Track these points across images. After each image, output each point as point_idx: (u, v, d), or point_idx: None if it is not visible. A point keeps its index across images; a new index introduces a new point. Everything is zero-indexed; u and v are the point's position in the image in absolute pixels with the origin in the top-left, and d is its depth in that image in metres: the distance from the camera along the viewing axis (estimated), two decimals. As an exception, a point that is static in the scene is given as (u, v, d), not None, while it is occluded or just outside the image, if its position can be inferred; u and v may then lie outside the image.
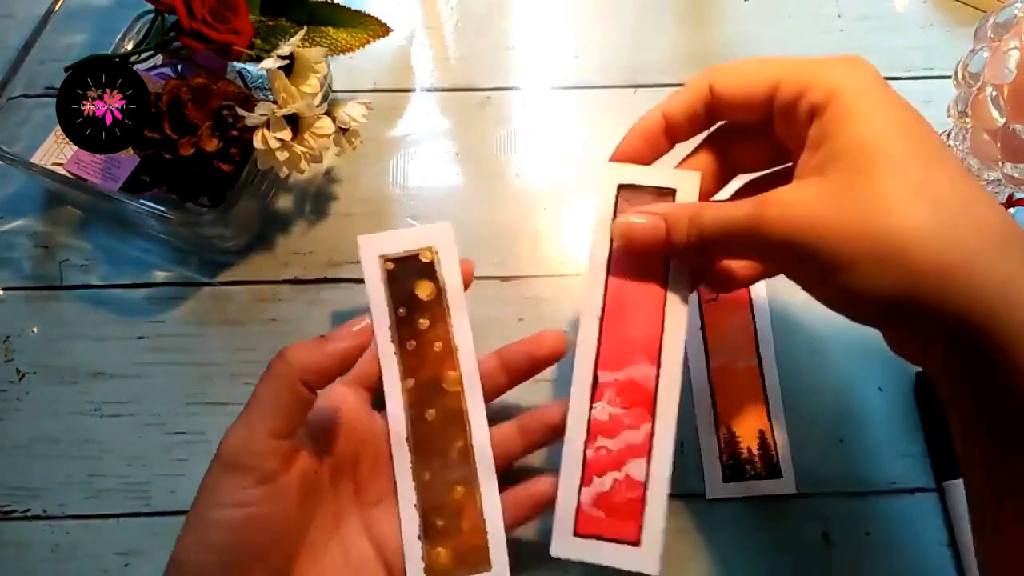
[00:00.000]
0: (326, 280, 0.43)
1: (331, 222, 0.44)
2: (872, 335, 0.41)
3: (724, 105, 0.31)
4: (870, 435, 0.39)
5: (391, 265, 0.36)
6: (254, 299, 0.43)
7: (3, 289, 0.43)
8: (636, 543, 0.32)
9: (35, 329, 0.42)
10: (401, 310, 0.35)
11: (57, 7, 0.42)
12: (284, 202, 0.45)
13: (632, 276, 0.33)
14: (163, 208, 0.38)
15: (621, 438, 0.32)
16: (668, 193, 0.33)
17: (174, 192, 0.40)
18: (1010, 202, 0.39)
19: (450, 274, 0.36)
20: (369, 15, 0.42)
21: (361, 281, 0.43)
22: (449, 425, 0.35)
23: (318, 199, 0.45)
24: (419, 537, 0.34)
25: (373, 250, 0.36)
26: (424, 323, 0.35)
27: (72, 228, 0.44)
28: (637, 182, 0.34)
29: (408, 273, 0.36)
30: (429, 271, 0.36)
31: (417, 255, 0.36)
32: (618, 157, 0.33)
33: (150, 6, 0.38)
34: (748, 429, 0.39)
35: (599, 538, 0.32)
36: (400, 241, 0.36)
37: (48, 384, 0.41)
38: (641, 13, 0.50)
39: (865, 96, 0.27)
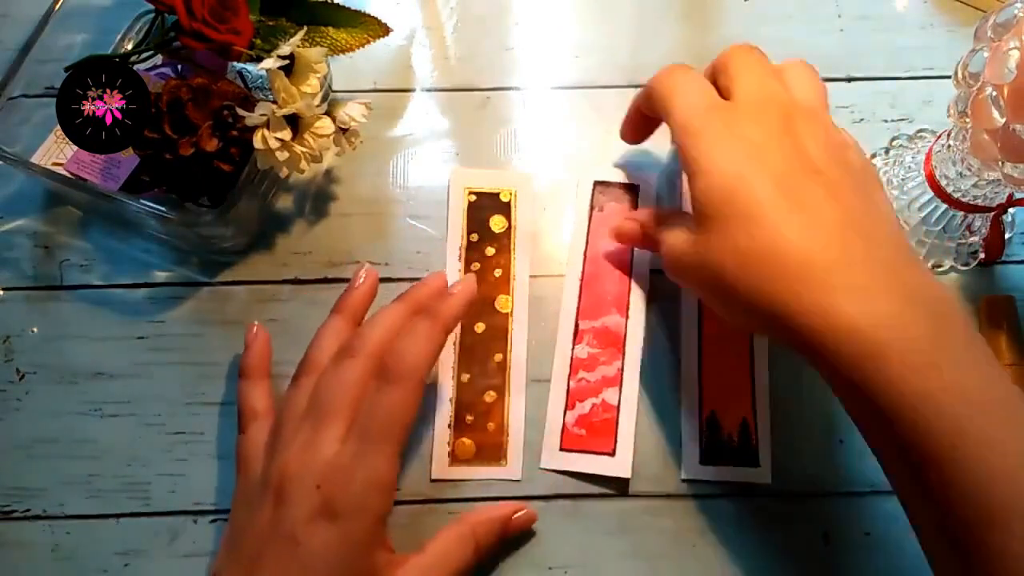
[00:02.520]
0: (326, 280, 0.43)
1: (331, 222, 0.44)
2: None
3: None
4: (870, 435, 0.39)
5: (473, 197, 0.43)
6: (254, 299, 0.43)
7: (3, 289, 0.43)
8: (612, 454, 0.39)
9: (35, 329, 0.42)
10: (473, 236, 0.42)
11: (57, 7, 0.42)
12: (284, 202, 0.45)
13: (605, 249, 0.42)
14: (163, 208, 0.38)
15: (598, 371, 0.40)
16: (632, 188, 0.44)
17: (174, 192, 0.40)
18: (1010, 202, 0.38)
19: (523, 216, 0.43)
20: (369, 15, 0.42)
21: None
22: (494, 340, 0.41)
23: (318, 199, 0.45)
24: (449, 426, 0.39)
25: (461, 180, 0.44)
26: (491, 251, 0.42)
27: (72, 228, 0.44)
28: (609, 179, 0.44)
29: (487, 206, 0.43)
30: (505, 208, 0.43)
31: (498, 193, 0.43)
32: (624, 137, 0.43)
33: (150, 6, 0.38)
34: (732, 415, 0.40)
35: (581, 451, 0.39)
36: (485, 178, 0.43)
37: (48, 384, 0.41)
38: (641, 13, 0.50)
39: (708, 157, 0.33)
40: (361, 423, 0.32)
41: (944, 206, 0.40)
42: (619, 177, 0.44)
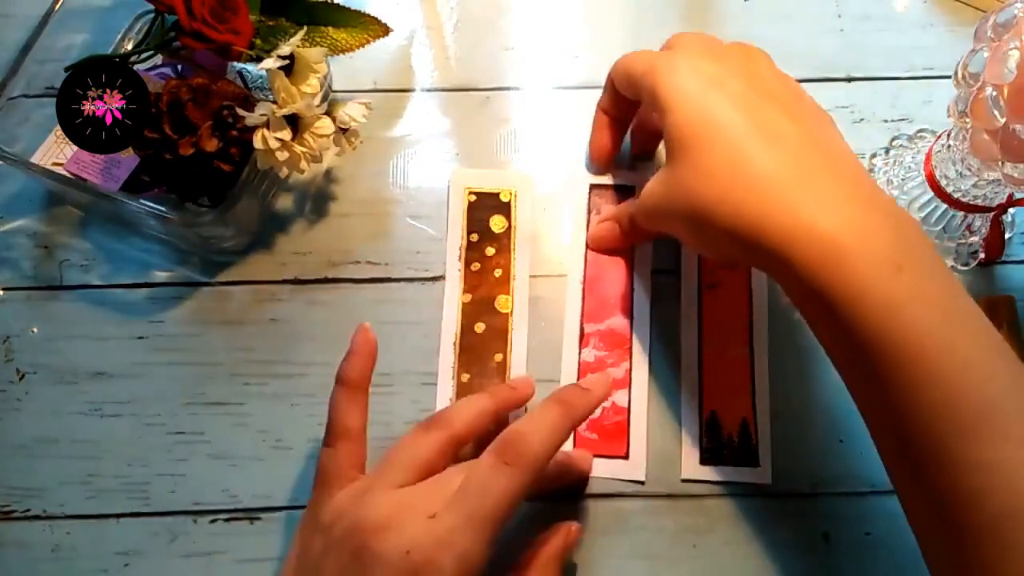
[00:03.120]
0: (326, 280, 0.43)
1: (331, 222, 0.44)
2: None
3: (619, 91, 0.40)
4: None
5: (473, 197, 0.43)
6: (254, 299, 0.43)
7: (3, 289, 0.43)
8: (625, 456, 0.39)
9: (35, 329, 0.42)
10: (473, 236, 0.42)
11: (57, 7, 0.42)
12: (284, 202, 0.45)
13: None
14: (163, 208, 0.38)
15: (606, 375, 0.40)
16: (627, 190, 0.44)
17: (174, 192, 0.40)
18: (1010, 202, 0.38)
19: (523, 216, 0.43)
20: (369, 15, 0.42)
21: (361, 281, 0.43)
22: (494, 340, 0.41)
23: (318, 199, 0.45)
24: None
25: (461, 181, 0.44)
26: (491, 251, 0.42)
27: (72, 228, 0.44)
28: (604, 182, 0.44)
29: (487, 206, 0.43)
30: (505, 209, 0.43)
31: (498, 193, 0.43)
32: (593, 156, 0.43)
33: (150, 6, 0.38)
34: (732, 415, 0.40)
35: (595, 456, 0.39)
36: (485, 178, 0.44)
37: (48, 384, 0.41)
38: (641, 13, 0.50)
39: (672, 91, 0.34)
40: (470, 500, 0.29)
41: (944, 206, 0.40)
42: (614, 180, 0.44)
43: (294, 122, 0.37)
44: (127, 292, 0.43)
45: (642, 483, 0.39)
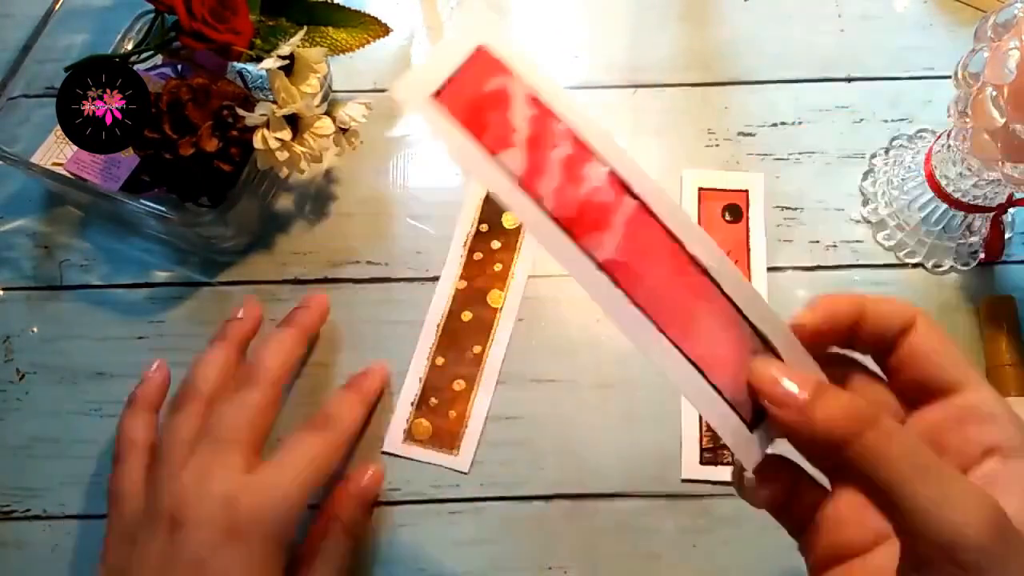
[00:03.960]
0: (326, 280, 0.43)
1: (331, 222, 0.44)
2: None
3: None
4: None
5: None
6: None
7: (3, 289, 0.43)
8: None
9: (35, 329, 0.42)
10: (483, 226, 0.42)
11: (57, 7, 0.42)
12: (284, 202, 0.45)
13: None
14: (163, 208, 0.38)
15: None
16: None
17: (174, 192, 0.40)
18: (1010, 202, 0.39)
19: None
20: (369, 15, 0.42)
21: (361, 281, 0.43)
22: (477, 331, 0.41)
23: (318, 199, 0.45)
24: (412, 404, 0.40)
25: None
26: (496, 244, 0.42)
27: (72, 228, 0.44)
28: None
29: None
30: None
31: None
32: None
33: (150, 6, 0.38)
34: None
35: None
36: None
37: (48, 384, 0.41)
38: (641, 13, 0.50)
39: None
40: (280, 455, 0.33)
41: (944, 206, 0.40)
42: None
43: (294, 122, 0.37)
44: (127, 292, 0.43)
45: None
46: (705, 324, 0.26)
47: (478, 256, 0.42)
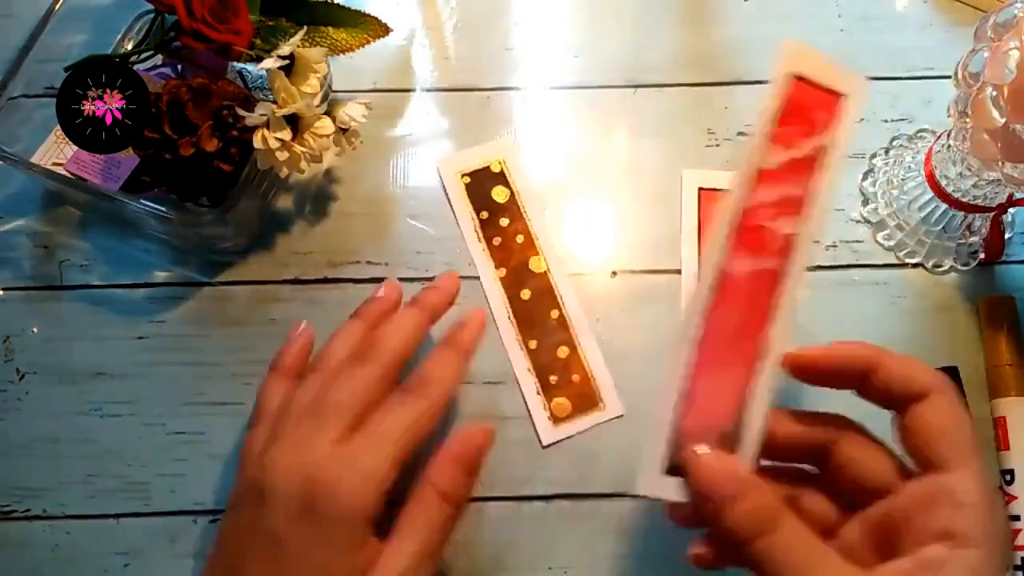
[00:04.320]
0: (326, 280, 0.43)
1: (331, 222, 0.44)
2: (872, 336, 0.41)
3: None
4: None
5: (467, 179, 0.44)
6: (254, 299, 0.42)
7: (3, 289, 0.43)
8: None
9: (35, 329, 0.42)
10: (483, 214, 0.43)
11: (57, 7, 0.42)
12: (284, 202, 0.45)
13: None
14: (163, 208, 0.38)
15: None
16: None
17: (174, 192, 0.40)
18: (1010, 202, 0.39)
19: (519, 179, 0.43)
20: (369, 15, 0.42)
21: (361, 281, 0.43)
22: (543, 299, 0.42)
23: (318, 199, 0.45)
24: (538, 393, 0.40)
25: (451, 168, 0.44)
26: (505, 221, 0.43)
27: (72, 228, 0.44)
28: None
29: (483, 182, 0.43)
30: (501, 178, 0.44)
31: (488, 167, 0.44)
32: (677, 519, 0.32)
33: (150, 6, 0.38)
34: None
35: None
36: (472, 158, 0.44)
37: (48, 384, 0.41)
38: (641, 13, 0.50)
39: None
40: (369, 426, 0.32)
41: (944, 206, 0.40)
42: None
43: (294, 122, 0.37)
44: (127, 292, 0.43)
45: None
46: (720, 384, 0.29)
47: (497, 241, 0.43)
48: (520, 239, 0.42)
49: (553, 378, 0.40)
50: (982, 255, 0.42)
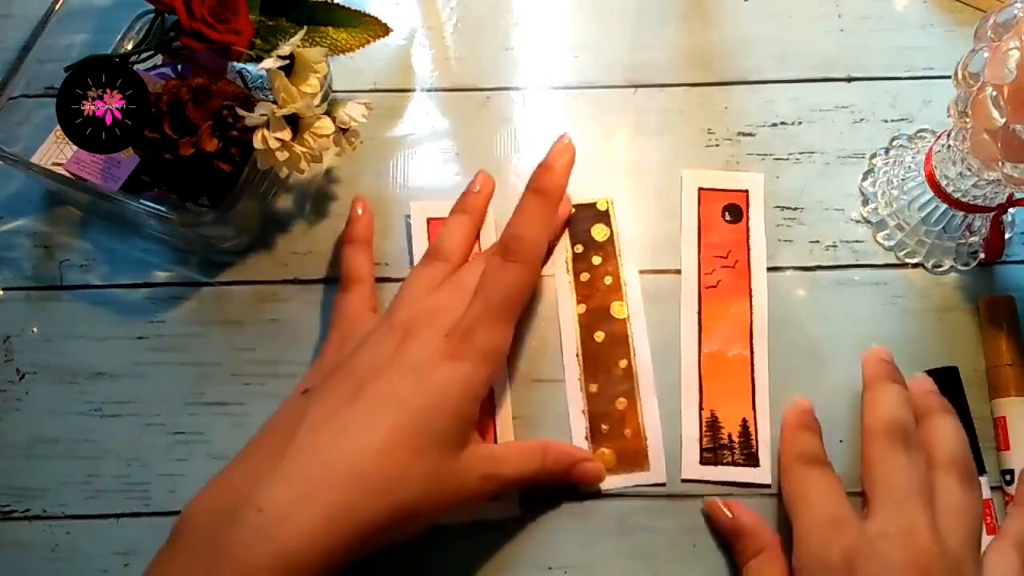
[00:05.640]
0: (326, 280, 0.43)
1: (331, 222, 0.44)
2: (872, 336, 0.42)
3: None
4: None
5: (572, 209, 0.43)
6: (254, 299, 0.43)
7: (3, 289, 0.43)
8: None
9: (35, 329, 0.42)
10: (578, 247, 0.43)
11: (57, 7, 0.42)
12: (284, 202, 0.45)
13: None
14: (163, 208, 0.38)
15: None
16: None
17: (174, 192, 0.40)
18: (1010, 202, 0.39)
19: (623, 222, 0.43)
20: (369, 15, 0.42)
21: (361, 281, 0.43)
22: (615, 346, 0.41)
23: (318, 199, 0.45)
24: (586, 438, 0.39)
25: None
26: (597, 260, 0.42)
27: (72, 228, 0.44)
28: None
29: (586, 217, 0.43)
30: (605, 217, 0.43)
31: (595, 203, 0.43)
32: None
33: (150, 6, 0.38)
34: (732, 416, 0.40)
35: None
36: (581, 190, 0.44)
37: (48, 384, 0.41)
38: (641, 13, 0.50)
39: None
40: (487, 293, 0.35)
41: (944, 206, 0.40)
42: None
43: (294, 122, 0.37)
44: (127, 292, 0.43)
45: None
46: None
47: (585, 277, 0.42)
48: (608, 280, 0.42)
49: (605, 427, 0.39)
50: (982, 255, 0.42)
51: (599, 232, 0.43)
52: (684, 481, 0.39)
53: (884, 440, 0.33)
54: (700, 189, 0.44)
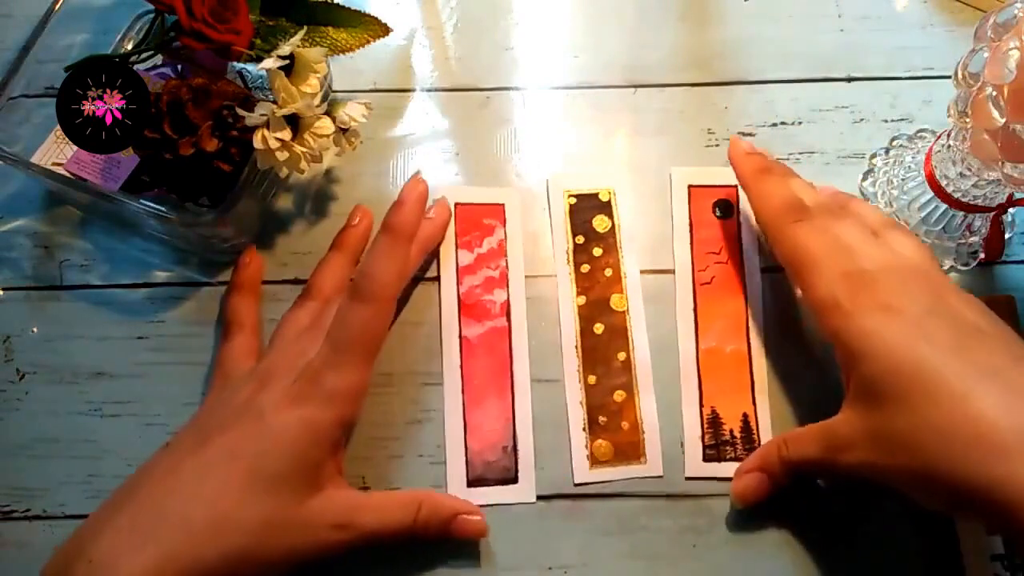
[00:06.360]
0: (326, 280, 0.43)
1: (331, 222, 0.44)
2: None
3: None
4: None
5: (573, 199, 0.43)
6: (254, 299, 0.42)
7: (3, 289, 0.43)
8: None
9: (35, 329, 0.42)
10: (579, 238, 0.42)
11: (57, 7, 0.42)
12: (284, 202, 0.45)
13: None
14: (163, 208, 0.38)
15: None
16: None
17: (174, 192, 0.40)
18: (1010, 202, 0.39)
19: (625, 214, 0.43)
20: (369, 15, 0.42)
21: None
22: (614, 339, 0.41)
23: (318, 199, 0.45)
24: (583, 430, 0.39)
25: (559, 185, 0.44)
26: (598, 251, 0.42)
27: (72, 228, 0.44)
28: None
29: (587, 207, 0.43)
30: (607, 208, 0.43)
31: (597, 194, 0.43)
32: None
33: (150, 6, 0.38)
34: (732, 411, 0.40)
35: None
36: (582, 180, 0.44)
37: (48, 384, 0.41)
38: (641, 13, 0.50)
39: (869, 339, 0.33)
40: (336, 335, 0.35)
41: (944, 206, 0.40)
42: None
43: (294, 122, 0.37)
44: (127, 292, 0.43)
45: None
46: (488, 413, 0.40)
47: (585, 268, 0.42)
48: (608, 272, 0.42)
49: (603, 419, 0.39)
50: (982, 255, 0.42)
51: (600, 223, 0.43)
52: (688, 479, 0.39)
53: (787, 218, 0.36)
54: (690, 186, 0.44)
